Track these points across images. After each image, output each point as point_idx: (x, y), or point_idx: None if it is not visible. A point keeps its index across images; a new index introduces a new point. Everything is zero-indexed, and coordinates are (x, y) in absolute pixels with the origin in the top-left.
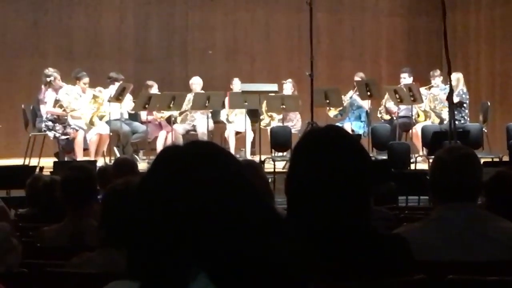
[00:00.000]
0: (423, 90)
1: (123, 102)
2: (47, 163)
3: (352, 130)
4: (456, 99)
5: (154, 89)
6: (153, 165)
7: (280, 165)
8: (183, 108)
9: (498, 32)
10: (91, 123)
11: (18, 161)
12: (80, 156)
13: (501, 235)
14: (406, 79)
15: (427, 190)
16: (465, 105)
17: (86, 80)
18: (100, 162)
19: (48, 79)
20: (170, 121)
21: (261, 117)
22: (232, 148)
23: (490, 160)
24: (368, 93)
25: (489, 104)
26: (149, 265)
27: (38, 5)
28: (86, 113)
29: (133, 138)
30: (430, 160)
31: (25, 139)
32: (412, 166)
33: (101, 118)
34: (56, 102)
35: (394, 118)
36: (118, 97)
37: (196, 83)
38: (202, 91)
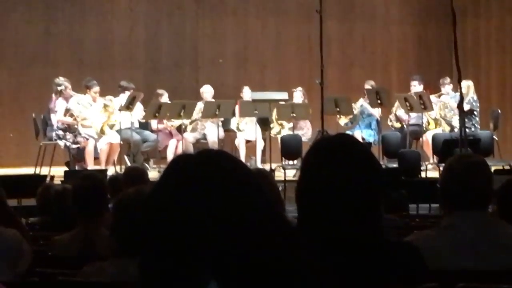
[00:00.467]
0: (433, 98)
1: (134, 110)
2: (57, 172)
3: (363, 138)
4: (466, 107)
5: (165, 97)
6: (164, 174)
7: (291, 174)
8: (194, 117)
9: (508, 40)
10: (101, 132)
11: (29, 170)
12: (90, 165)
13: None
14: (416, 87)
15: (437, 198)
16: (475, 112)
17: (96, 89)
18: (111, 171)
19: (59, 88)
20: (181, 130)
21: (271, 125)
22: (242, 157)
23: (501, 168)
24: (379, 101)
25: (499, 111)
26: (161, 274)
27: (49, 14)
28: (97, 122)
29: (144, 146)
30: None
31: (35, 148)
32: (423, 174)
33: (111, 127)
34: (67, 111)
35: (405, 126)
36: (129, 106)
37: (207, 91)
38: (212, 100)
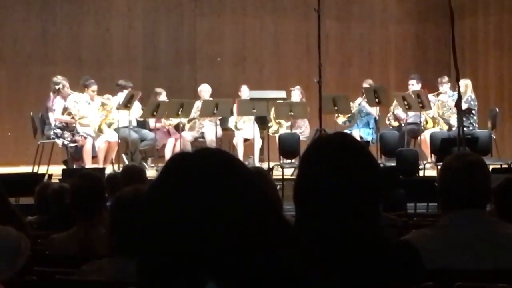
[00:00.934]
0: (431, 96)
1: (132, 109)
2: (55, 170)
3: (361, 137)
4: (464, 106)
5: (163, 96)
6: (162, 173)
7: (289, 172)
8: (192, 116)
9: (506, 38)
10: (99, 131)
11: (26, 169)
12: (88, 164)
13: (510, 242)
14: (414, 85)
15: (435, 197)
16: (473, 111)
17: (94, 87)
18: (109, 169)
19: (57, 86)
20: (179, 129)
21: (269, 124)
22: (240, 155)
23: (499, 166)
24: (377, 100)
25: (497, 110)
26: (158, 273)
27: (47, 13)
28: (95, 120)
29: (142, 145)
30: (439, 167)
31: (33, 147)
32: (421, 173)
33: (109, 125)
34: (65, 110)
35: (403, 125)
36: (127, 105)
37: (205, 90)
38: (210, 99)
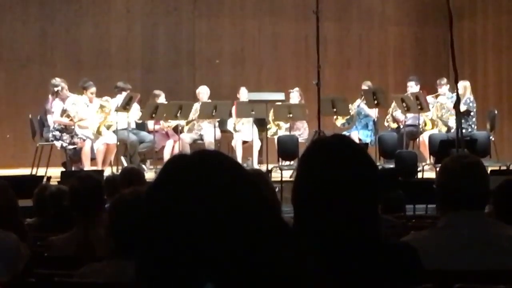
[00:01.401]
0: (430, 98)
1: (130, 111)
2: (54, 172)
3: (359, 139)
4: (463, 108)
5: (161, 98)
6: (160, 174)
7: (287, 174)
8: (190, 117)
9: (505, 40)
10: (98, 133)
11: (25, 171)
12: (87, 166)
13: (509, 243)
14: (413, 87)
15: (434, 198)
16: (472, 113)
17: (93, 89)
18: (107, 171)
19: (56, 89)
20: (177, 131)
21: (268, 126)
22: (239, 157)
23: (498, 168)
24: (375, 102)
25: (496, 112)
26: (157, 275)
27: (45, 15)
28: (93, 122)
29: (140, 147)
30: (437, 169)
31: (32, 149)
32: (420, 175)
33: (108, 127)
34: (63, 112)
35: (401, 126)
36: (125, 107)
37: (203, 92)
38: (209, 100)
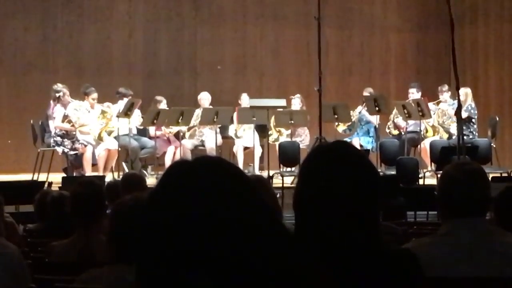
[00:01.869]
0: (431, 105)
1: (132, 117)
2: (55, 178)
3: (361, 145)
4: (464, 114)
5: (163, 104)
6: (162, 180)
7: (289, 180)
8: (192, 124)
9: (506, 48)
10: (99, 139)
11: (27, 177)
12: (88, 172)
13: (510, 250)
14: (414, 94)
15: (435, 205)
16: (473, 120)
17: (94, 95)
18: (109, 177)
19: (57, 94)
20: (179, 137)
21: (269, 132)
22: (240, 164)
23: (499, 175)
24: (377, 108)
25: (497, 119)
26: (157, 279)
27: (47, 21)
28: (95, 128)
29: (142, 153)
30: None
31: (33, 155)
32: (421, 182)
33: (109, 133)
34: (65, 118)
35: (403, 133)
36: (127, 113)
37: (205, 98)
38: (210, 107)
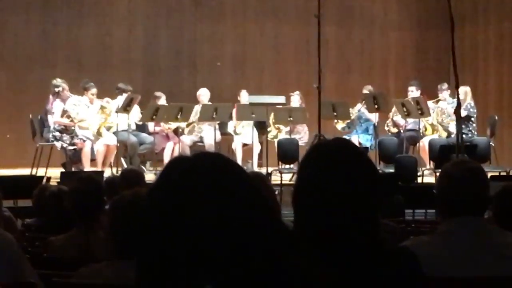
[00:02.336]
0: (430, 103)
1: (131, 113)
2: (54, 173)
3: (360, 143)
4: (463, 113)
5: (162, 100)
6: (160, 176)
7: (287, 177)
8: (191, 120)
9: (506, 46)
10: (98, 134)
11: (25, 171)
12: (87, 167)
13: (509, 249)
14: (413, 92)
15: (434, 203)
16: (472, 118)
17: (94, 90)
18: (107, 172)
19: (56, 89)
20: (178, 133)
21: (268, 129)
22: (239, 160)
23: (498, 174)
24: (376, 106)
25: (496, 118)
26: (157, 277)
27: (47, 16)
28: (94, 123)
29: (141, 149)
30: (437, 174)
31: (32, 149)
32: (419, 180)
33: (108, 128)
34: (64, 113)
35: (402, 131)
36: (126, 108)
37: (204, 94)
38: (209, 103)
